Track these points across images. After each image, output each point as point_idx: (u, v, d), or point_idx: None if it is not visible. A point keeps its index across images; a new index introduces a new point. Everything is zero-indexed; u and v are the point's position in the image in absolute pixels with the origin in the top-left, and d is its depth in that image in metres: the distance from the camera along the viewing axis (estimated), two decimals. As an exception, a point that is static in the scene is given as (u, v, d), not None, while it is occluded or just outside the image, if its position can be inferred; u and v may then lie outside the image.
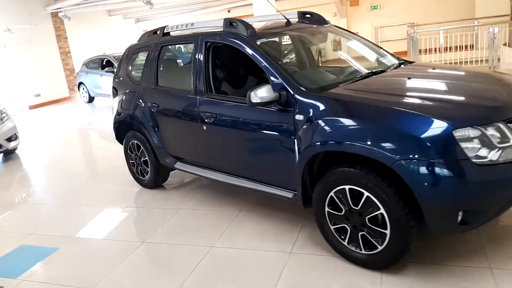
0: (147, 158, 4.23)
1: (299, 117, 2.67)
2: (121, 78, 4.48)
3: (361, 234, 2.51)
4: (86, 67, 12.23)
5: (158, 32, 4.04)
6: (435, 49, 11.06)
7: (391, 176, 2.32)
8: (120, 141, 4.64)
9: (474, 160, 2.12)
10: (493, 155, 2.15)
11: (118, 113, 4.48)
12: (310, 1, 15.37)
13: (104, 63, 11.45)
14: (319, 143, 2.52)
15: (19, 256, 3.40)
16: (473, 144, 2.14)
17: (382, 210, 2.34)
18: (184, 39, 3.80)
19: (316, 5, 15.25)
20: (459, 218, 2.21)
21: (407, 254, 2.41)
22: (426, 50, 11.21)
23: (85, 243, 3.48)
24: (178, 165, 3.94)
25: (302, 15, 3.77)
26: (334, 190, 2.55)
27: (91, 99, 12.51)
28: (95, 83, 11.69)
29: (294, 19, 3.67)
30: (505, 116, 2.25)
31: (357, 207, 2.47)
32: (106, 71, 10.94)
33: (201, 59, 3.39)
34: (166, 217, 3.72)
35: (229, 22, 3.25)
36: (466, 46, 11.02)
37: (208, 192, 4.19)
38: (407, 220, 2.28)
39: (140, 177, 4.47)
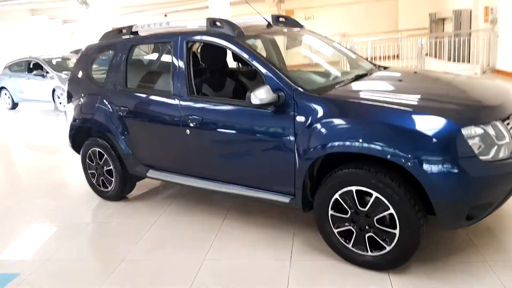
0: (111, 167, 3.86)
1: (300, 118, 2.60)
2: (78, 81, 4.05)
3: (368, 236, 2.49)
4: (9, 70, 11.12)
5: (124, 31, 3.74)
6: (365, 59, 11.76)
7: (399, 175, 2.34)
8: (77, 150, 4.19)
9: (480, 157, 2.22)
10: (494, 152, 2.28)
11: (75, 119, 4.04)
12: (247, 11, 15.51)
13: (31, 66, 10.44)
14: (327, 144, 2.47)
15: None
16: (478, 142, 2.24)
17: (391, 210, 2.35)
18: (159, 39, 3.54)
19: (253, 14, 15.43)
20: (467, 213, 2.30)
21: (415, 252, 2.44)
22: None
23: (51, 265, 3.03)
24: (151, 173, 3.64)
25: (276, 18, 3.75)
26: (339, 192, 2.51)
27: (14, 105, 11.38)
28: (20, 87, 10.68)
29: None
30: (501, 115, 2.39)
31: (364, 208, 2.46)
32: (35, 75, 9.99)
33: (183, 59, 3.17)
34: (142, 231, 3.40)
35: (212, 22, 3.10)
36: (392, 56, 11.93)
37: (181, 202, 3.92)
38: (418, 218, 2.31)
39: (102, 188, 4.06)
